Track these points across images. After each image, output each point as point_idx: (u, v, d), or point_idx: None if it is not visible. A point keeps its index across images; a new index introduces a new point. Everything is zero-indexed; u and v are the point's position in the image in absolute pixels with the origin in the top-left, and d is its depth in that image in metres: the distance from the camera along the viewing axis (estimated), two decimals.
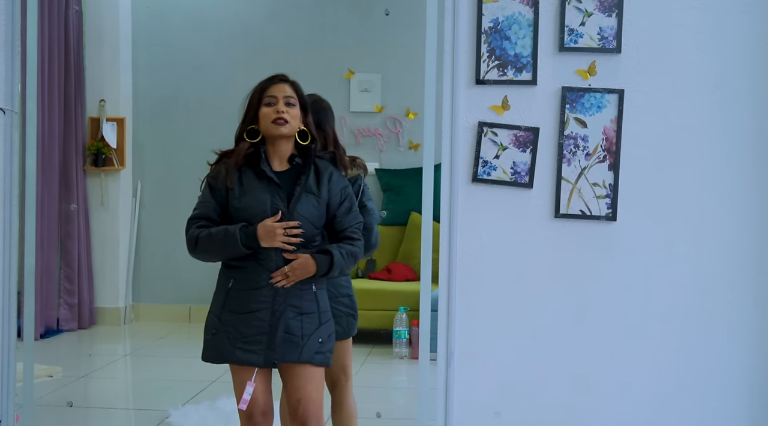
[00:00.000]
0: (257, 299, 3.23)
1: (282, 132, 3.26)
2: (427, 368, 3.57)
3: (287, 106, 3.27)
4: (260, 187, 3.26)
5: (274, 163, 3.32)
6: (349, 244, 3.33)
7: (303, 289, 3.28)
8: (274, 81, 3.30)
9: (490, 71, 3.52)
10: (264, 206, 3.23)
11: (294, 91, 3.31)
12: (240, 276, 3.27)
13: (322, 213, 3.30)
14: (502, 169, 3.53)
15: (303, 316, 3.28)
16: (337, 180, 3.35)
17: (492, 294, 3.54)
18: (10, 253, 3.61)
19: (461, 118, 3.53)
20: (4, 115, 3.60)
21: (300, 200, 3.26)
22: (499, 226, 3.53)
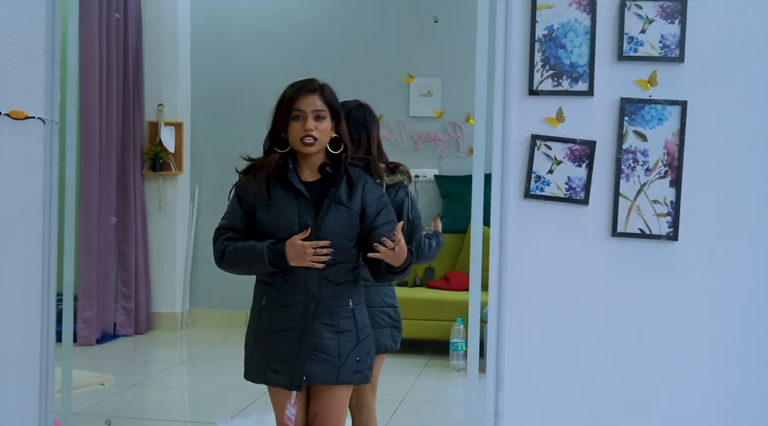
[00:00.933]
0: (288, 318, 3.12)
1: (310, 151, 3.14)
2: (476, 386, 3.41)
3: (316, 121, 3.14)
4: (288, 199, 3.14)
5: (305, 173, 3.20)
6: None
7: (340, 307, 3.15)
8: (302, 92, 3.16)
9: (544, 81, 3.34)
10: (291, 220, 3.11)
11: (324, 101, 3.17)
12: (271, 293, 3.16)
13: (354, 225, 3.16)
14: (556, 184, 3.35)
15: (340, 335, 3.15)
16: (371, 189, 3.20)
17: (544, 316, 3.36)
18: (49, 263, 3.54)
19: (513, 130, 3.36)
20: (44, 124, 3.52)
21: (329, 213, 3.13)
22: (553, 245, 3.35)
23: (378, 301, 3.75)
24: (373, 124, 3.86)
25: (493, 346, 3.39)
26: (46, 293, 3.54)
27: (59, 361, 3.69)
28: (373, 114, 3.91)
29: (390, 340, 3.80)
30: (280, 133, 3.17)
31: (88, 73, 7.14)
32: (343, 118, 3.23)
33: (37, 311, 3.54)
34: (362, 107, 3.89)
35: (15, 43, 3.51)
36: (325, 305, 3.13)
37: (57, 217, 3.55)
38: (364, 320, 3.24)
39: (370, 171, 3.26)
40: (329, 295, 3.14)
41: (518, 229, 3.36)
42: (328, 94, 3.19)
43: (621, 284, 3.33)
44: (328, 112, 3.16)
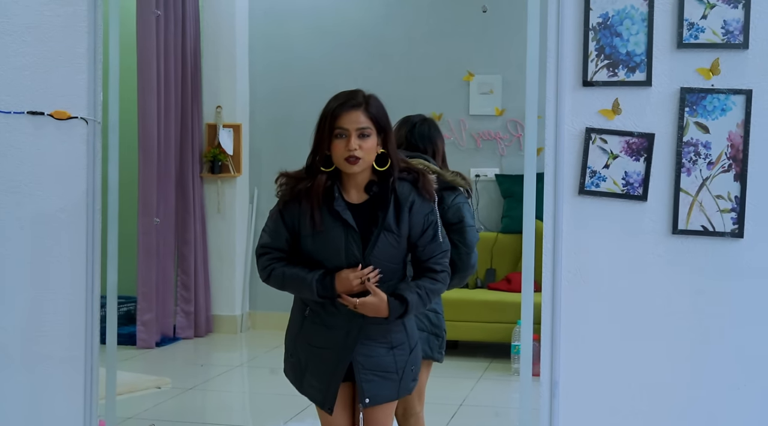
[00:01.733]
0: (329, 338, 3.03)
1: (354, 171, 3.00)
2: (530, 391, 3.26)
3: (360, 139, 2.97)
4: (335, 227, 3.00)
5: (351, 193, 3.06)
6: (430, 280, 3.07)
7: (390, 322, 3.05)
8: (345, 108, 2.98)
9: (599, 72, 3.18)
10: (338, 252, 2.99)
11: (369, 117, 3.00)
12: (315, 308, 3.06)
13: (401, 249, 3.06)
14: (612, 179, 3.18)
15: (395, 350, 3.06)
16: (418, 209, 3.07)
17: (601, 318, 3.19)
18: (93, 265, 3.48)
19: (566, 123, 3.20)
20: (87, 124, 3.47)
21: (378, 243, 3.00)
22: (609, 244, 3.18)
23: None
24: (438, 138, 3.88)
25: (547, 349, 3.23)
26: (90, 295, 3.49)
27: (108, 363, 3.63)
28: (438, 127, 3.92)
29: (425, 345, 3.66)
30: (323, 152, 3.01)
31: (145, 75, 7.14)
32: (392, 133, 3.08)
33: (82, 313, 3.49)
34: (427, 121, 3.88)
35: (59, 41, 3.47)
36: (375, 325, 3.04)
37: (100, 219, 3.49)
38: (413, 328, 3.16)
39: (418, 186, 3.09)
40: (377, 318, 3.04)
41: (573, 227, 3.20)
42: (374, 108, 3.03)
43: (682, 285, 3.15)
44: (373, 128, 3.00)
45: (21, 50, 3.47)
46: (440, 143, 3.85)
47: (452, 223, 3.59)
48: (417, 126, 3.82)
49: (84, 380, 3.49)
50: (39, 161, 3.48)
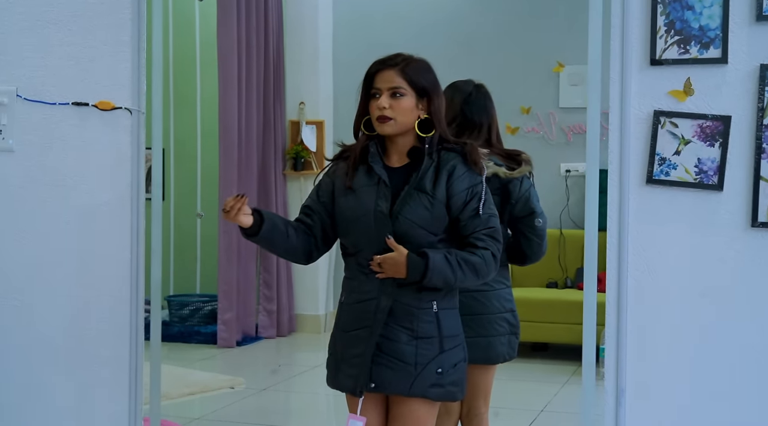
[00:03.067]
0: (360, 315, 2.82)
1: (385, 131, 2.82)
2: (592, 398, 3.00)
3: (393, 99, 2.80)
4: (368, 185, 2.84)
5: (392, 158, 2.89)
6: (469, 252, 2.81)
7: (421, 309, 2.81)
8: (379, 68, 2.85)
9: (669, 49, 2.90)
10: (367, 207, 2.81)
11: (404, 77, 2.83)
12: (349, 288, 2.88)
13: (438, 216, 2.81)
14: (683, 167, 2.89)
15: (419, 341, 2.80)
16: (461, 176, 2.84)
17: (672, 320, 2.91)
18: (138, 261, 3.36)
19: (633, 106, 2.93)
20: (131, 115, 3.35)
21: (408, 200, 2.79)
22: (681, 238, 2.89)
23: (497, 307, 3.39)
24: (493, 108, 3.56)
25: (613, 354, 2.96)
26: (135, 292, 3.37)
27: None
28: (492, 100, 3.57)
29: (508, 347, 3.42)
30: (363, 114, 2.89)
31: (226, 71, 7.07)
32: (439, 98, 2.88)
33: (126, 311, 3.37)
34: (482, 89, 3.56)
35: (103, 30, 3.36)
36: (402, 305, 2.80)
37: (144, 214, 3.38)
38: (453, 328, 2.88)
39: (465, 156, 2.88)
40: (408, 295, 2.80)
41: (640, 219, 2.92)
42: (412, 69, 2.85)
43: (763, 283, 2.84)
44: (409, 89, 2.83)
45: (66, 40, 3.37)
46: (495, 114, 3.54)
47: (522, 216, 3.36)
48: (471, 95, 3.50)
49: (129, 379, 3.37)
50: (84, 153, 3.38)
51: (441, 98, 2.89)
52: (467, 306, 3.27)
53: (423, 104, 2.86)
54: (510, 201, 3.35)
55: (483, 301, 3.36)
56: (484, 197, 2.86)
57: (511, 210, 3.36)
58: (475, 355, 3.28)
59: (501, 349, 3.40)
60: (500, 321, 3.39)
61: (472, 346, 3.19)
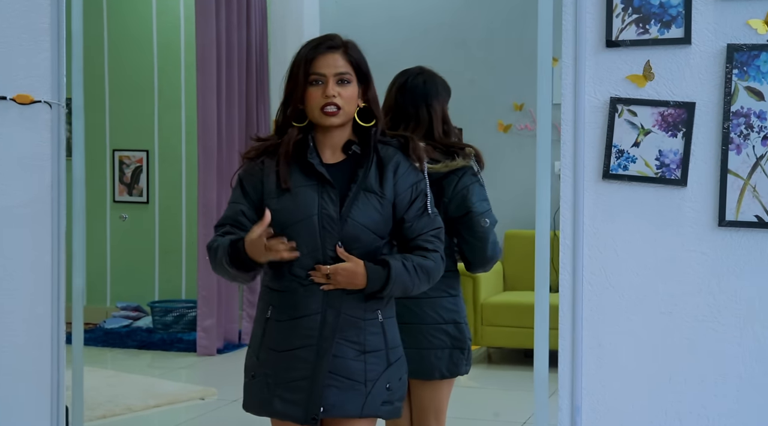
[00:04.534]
0: (300, 333, 2.51)
1: (333, 123, 2.53)
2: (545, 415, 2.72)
3: (340, 86, 2.52)
4: (307, 185, 2.53)
5: (326, 153, 2.58)
6: (420, 255, 2.53)
7: (366, 319, 2.53)
8: (321, 50, 2.54)
9: (627, 29, 2.61)
10: (310, 210, 2.50)
11: (349, 61, 2.54)
12: (280, 302, 2.55)
13: (387, 217, 2.54)
14: (643, 160, 2.60)
15: (367, 356, 2.52)
16: (405, 173, 2.57)
17: (632, 330, 2.62)
18: (59, 268, 3.10)
19: (587, 93, 2.64)
20: (51, 109, 3.09)
21: (357, 201, 2.51)
22: (641, 238, 2.60)
23: (432, 317, 3.08)
24: (435, 96, 3.19)
25: (567, 368, 2.68)
26: (56, 301, 3.10)
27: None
28: (439, 83, 3.23)
29: (448, 363, 3.10)
30: (296, 104, 2.56)
31: (205, 72, 6.81)
32: (373, 82, 2.61)
33: (47, 322, 3.10)
34: (423, 74, 3.23)
35: (19, 16, 3.10)
36: (347, 317, 2.51)
37: (65, 216, 3.12)
38: (396, 338, 2.61)
39: (407, 150, 2.60)
40: (353, 305, 2.52)
41: (596, 218, 2.64)
42: (354, 52, 2.57)
43: (731, 287, 2.55)
44: (354, 74, 2.55)
45: None
46: (438, 104, 3.16)
47: (458, 216, 3.05)
48: (408, 81, 3.18)
49: (51, 394, 3.11)
50: (1, 151, 3.12)
51: (373, 83, 2.61)
52: (398, 314, 2.99)
53: (361, 91, 2.58)
54: (443, 199, 3.05)
55: (415, 310, 3.06)
56: (428, 194, 2.59)
57: (444, 209, 3.06)
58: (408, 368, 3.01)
59: (437, 363, 3.08)
60: (437, 333, 3.08)
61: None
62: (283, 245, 2.42)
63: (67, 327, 3.18)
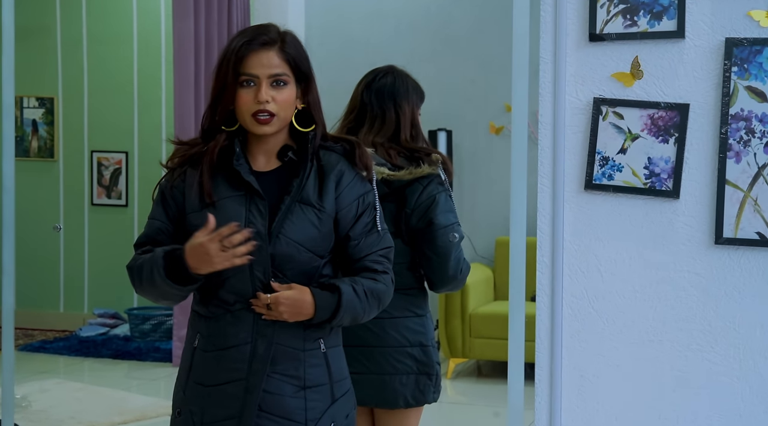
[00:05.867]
0: (227, 366, 2.20)
1: (265, 131, 2.22)
2: None
3: (274, 89, 2.20)
4: (232, 197, 2.22)
5: (258, 160, 2.28)
6: (369, 278, 2.24)
7: (306, 350, 2.22)
8: (253, 46, 2.21)
9: (612, 21, 2.32)
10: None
11: (285, 59, 2.22)
12: (207, 330, 2.25)
13: (326, 233, 2.23)
14: (630, 169, 2.31)
15: (307, 391, 2.21)
16: (350, 184, 2.26)
17: (617, 359, 2.33)
18: None
19: (568, 93, 2.36)
20: None
21: (290, 215, 2.20)
22: (628, 257, 2.31)
23: (396, 339, 2.79)
24: (404, 97, 2.91)
25: (545, 400, 2.38)
26: None
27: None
28: (410, 84, 2.96)
29: (414, 389, 2.81)
30: (225, 106, 2.24)
31: (182, 71, 6.53)
32: (314, 82, 2.30)
33: None
34: (392, 73, 2.95)
35: None
36: (283, 348, 2.21)
37: None
38: (342, 369, 2.30)
39: (352, 158, 2.29)
40: (290, 334, 2.21)
41: (577, 234, 2.35)
42: (292, 47, 2.25)
43: (730, 313, 2.26)
44: (291, 75, 2.23)
45: None
46: (407, 105, 2.90)
47: (420, 228, 2.78)
48: (376, 79, 2.92)
49: None
50: None
51: (315, 81, 2.31)
52: (358, 336, 2.70)
53: (300, 92, 2.27)
54: (405, 209, 2.77)
55: (377, 331, 2.78)
56: (378, 207, 2.29)
57: (407, 220, 2.77)
58: (367, 395, 2.72)
59: (401, 389, 2.79)
60: (400, 356, 2.79)
61: (364, 385, 2.63)
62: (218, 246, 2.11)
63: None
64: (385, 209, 2.44)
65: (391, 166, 2.78)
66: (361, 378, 2.74)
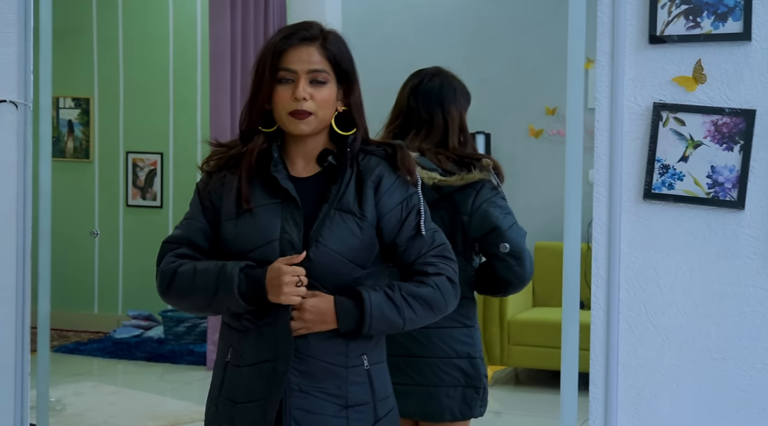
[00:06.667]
0: (253, 383, 2.10)
1: (302, 130, 2.11)
2: None
3: (313, 86, 2.10)
4: (269, 204, 2.12)
5: (297, 165, 2.17)
6: (414, 283, 2.11)
7: (349, 367, 2.12)
8: (293, 41, 2.11)
9: (674, 22, 2.21)
10: (270, 234, 2.10)
11: (326, 56, 2.12)
12: (239, 344, 2.14)
13: (367, 244, 2.11)
14: (692, 178, 2.20)
15: (350, 411, 2.11)
16: (391, 189, 2.14)
17: (677, 377, 2.22)
18: (24, 287, 2.76)
19: (627, 97, 2.25)
20: (17, 109, 2.75)
21: (329, 224, 2.09)
22: (689, 270, 2.21)
23: (443, 350, 2.69)
24: (452, 101, 2.81)
25: (600, 417, 2.27)
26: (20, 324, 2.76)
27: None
28: (458, 87, 2.86)
29: (461, 403, 2.71)
30: (263, 104, 2.14)
31: (218, 72, 6.47)
32: (358, 84, 2.19)
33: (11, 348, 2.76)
34: (440, 76, 2.85)
35: None
36: (325, 364, 2.10)
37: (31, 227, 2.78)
38: (386, 387, 2.19)
39: (394, 161, 2.17)
40: (331, 350, 2.10)
41: (635, 246, 2.24)
42: (335, 45, 2.14)
43: None
44: (331, 73, 2.13)
45: None
46: (455, 110, 2.80)
47: (480, 235, 2.68)
48: (423, 82, 2.82)
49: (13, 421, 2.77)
50: None
51: (358, 83, 2.20)
52: (404, 347, 2.60)
53: (341, 93, 2.17)
54: (459, 214, 2.68)
55: (423, 341, 2.68)
56: (422, 210, 2.17)
57: (464, 228, 2.68)
58: (411, 408, 2.62)
59: (447, 403, 2.69)
60: (447, 368, 2.70)
61: (408, 397, 2.53)
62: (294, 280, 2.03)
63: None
64: (435, 216, 2.35)
65: (443, 172, 2.69)
66: (406, 389, 2.65)
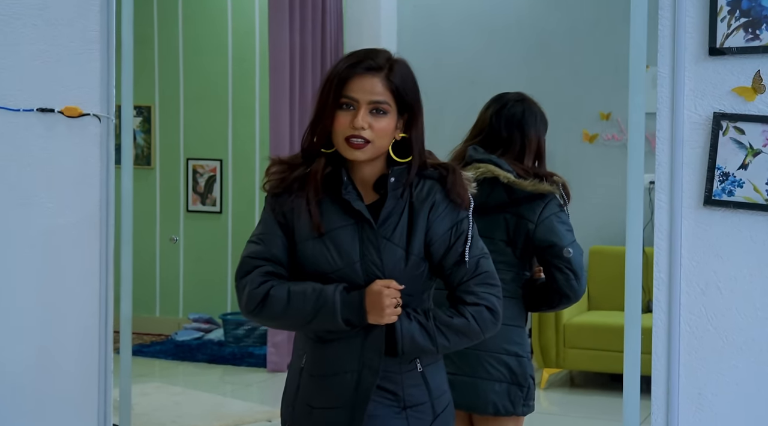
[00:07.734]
0: (333, 393, 2.18)
1: (357, 157, 2.16)
2: None
3: (373, 116, 2.13)
4: (346, 226, 2.18)
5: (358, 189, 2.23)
6: (450, 314, 2.18)
7: (404, 372, 2.19)
8: (358, 70, 2.14)
9: (734, 35, 2.29)
10: (349, 257, 2.16)
11: (388, 88, 2.15)
12: (315, 353, 2.22)
13: (415, 275, 2.18)
14: (752, 185, 2.27)
15: (409, 411, 2.19)
16: (441, 215, 2.19)
17: (737, 378, 2.29)
18: (107, 291, 2.90)
19: (687, 107, 2.33)
20: (100, 123, 2.90)
21: (386, 250, 2.16)
22: (749, 274, 2.28)
23: (492, 345, 2.77)
24: (532, 126, 2.94)
25: (662, 416, 2.36)
26: (103, 326, 2.90)
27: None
28: (538, 113, 2.99)
29: (506, 399, 2.80)
30: (325, 126, 2.18)
31: (278, 79, 6.61)
32: (421, 114, 2.22)
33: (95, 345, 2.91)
34: (524, 102, 2.98)
35: (68, 24, 2.91)
36: (382, 372, 2.18)
37: (113, 236, 2.91)
38: (442, 384, 2.27)
39: (446, 184, 2.21)
40: (390, 361, 2.18)
41: (696, 251, 2.32)
42: (399, 77, 2.18)
43: None
44: (393, 104, 2.16)
45: (32, 36, 2.92)
46: (534, 134, 2.93)
47: (542, 247, 2.78)
48: (507, 106, 2.95)
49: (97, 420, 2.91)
50: (50, 167, 2.93)
51: (421, 113, 2.23)
52: None
53: (402, 123, 2.20)
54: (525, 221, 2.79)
55: None
56: (470, 236, 2.21)
57: (530, 235, 2.79)
58: (456, 397, 2.72)
59: (492, 397, 2.79)
60: (495, 363, 2.79)
61: (455, 387, 2.62)
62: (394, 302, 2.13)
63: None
64: (500, 219, 2.43)
65: (517, 175, 2.81)
66: (454, 379, 2.72)
